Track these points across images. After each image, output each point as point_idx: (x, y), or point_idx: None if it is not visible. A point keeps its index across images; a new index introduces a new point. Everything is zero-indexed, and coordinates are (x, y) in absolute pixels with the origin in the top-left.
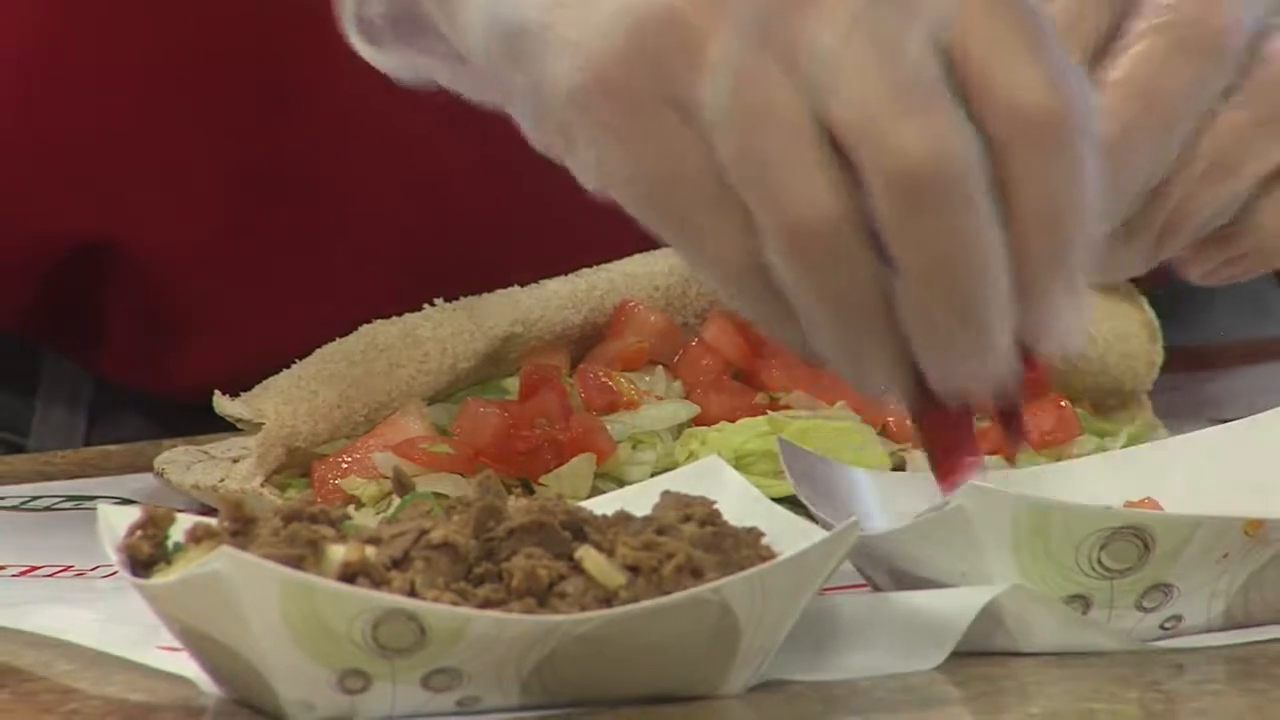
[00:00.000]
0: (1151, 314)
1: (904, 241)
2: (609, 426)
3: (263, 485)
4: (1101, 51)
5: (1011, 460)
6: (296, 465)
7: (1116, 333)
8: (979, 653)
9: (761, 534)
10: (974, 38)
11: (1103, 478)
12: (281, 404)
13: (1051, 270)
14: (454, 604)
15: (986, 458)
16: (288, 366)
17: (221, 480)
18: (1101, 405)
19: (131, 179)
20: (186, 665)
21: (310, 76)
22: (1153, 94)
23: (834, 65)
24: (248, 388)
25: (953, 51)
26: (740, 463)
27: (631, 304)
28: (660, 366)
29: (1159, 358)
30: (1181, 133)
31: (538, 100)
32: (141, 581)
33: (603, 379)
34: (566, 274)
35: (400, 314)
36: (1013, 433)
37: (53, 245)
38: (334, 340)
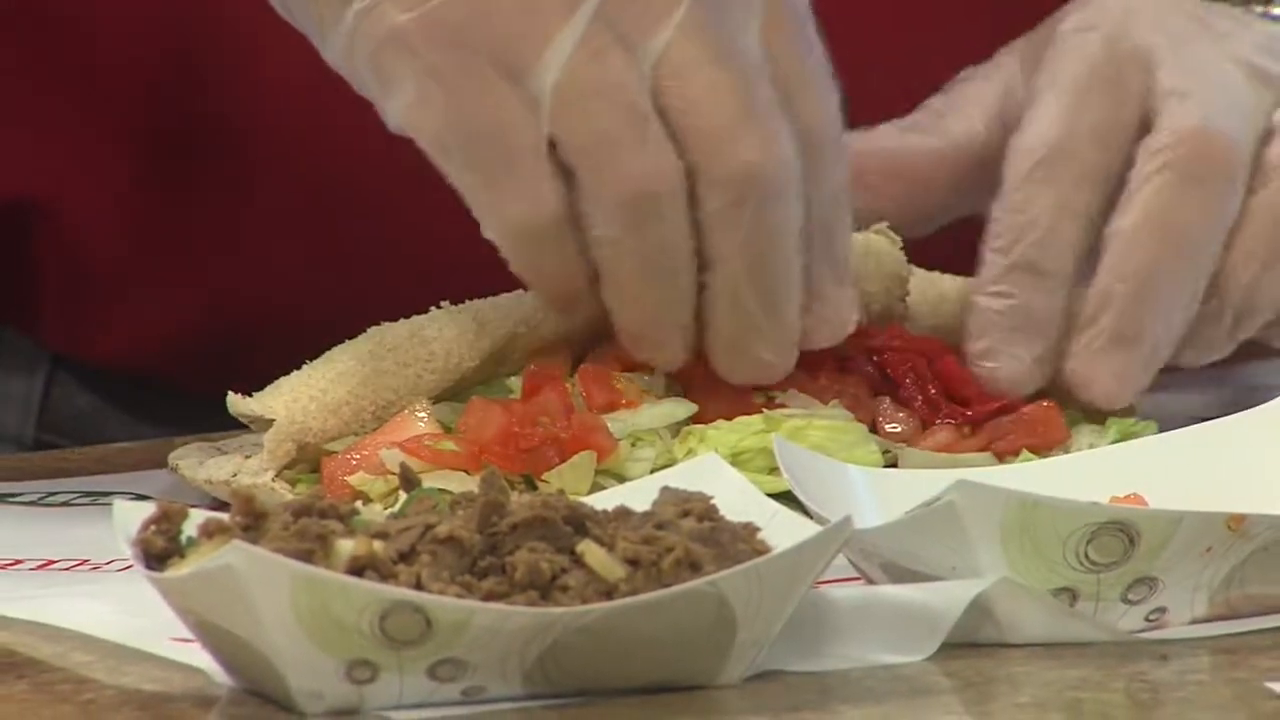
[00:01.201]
0: None
1: (729, 234)
2: (609, 425)
3: (273, 480)
4: (1115, 195)
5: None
6: (306, 461)
7: None
8: (969, 644)
9: (757, 529)
10: (782, 50)
11: (1090, 474)
12: (291, 401)
13: (835, 265)
14: (459, 596)
15: (979, 455)
16: (217, 335)
17: (233, 476)
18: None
19: (50, 137)
20: (199, 656)
21: (228, 37)
22: (1170, 231)
23: (676, 62)
24: (179, 358)
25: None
26: (737, 460)
27: None
28: None
29: None
30: (1210, 255)
31: (355, 30)
32: (156, 575)
33: (603, 378)
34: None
35: (327, 279)
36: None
37: None
38: (258, 307)
